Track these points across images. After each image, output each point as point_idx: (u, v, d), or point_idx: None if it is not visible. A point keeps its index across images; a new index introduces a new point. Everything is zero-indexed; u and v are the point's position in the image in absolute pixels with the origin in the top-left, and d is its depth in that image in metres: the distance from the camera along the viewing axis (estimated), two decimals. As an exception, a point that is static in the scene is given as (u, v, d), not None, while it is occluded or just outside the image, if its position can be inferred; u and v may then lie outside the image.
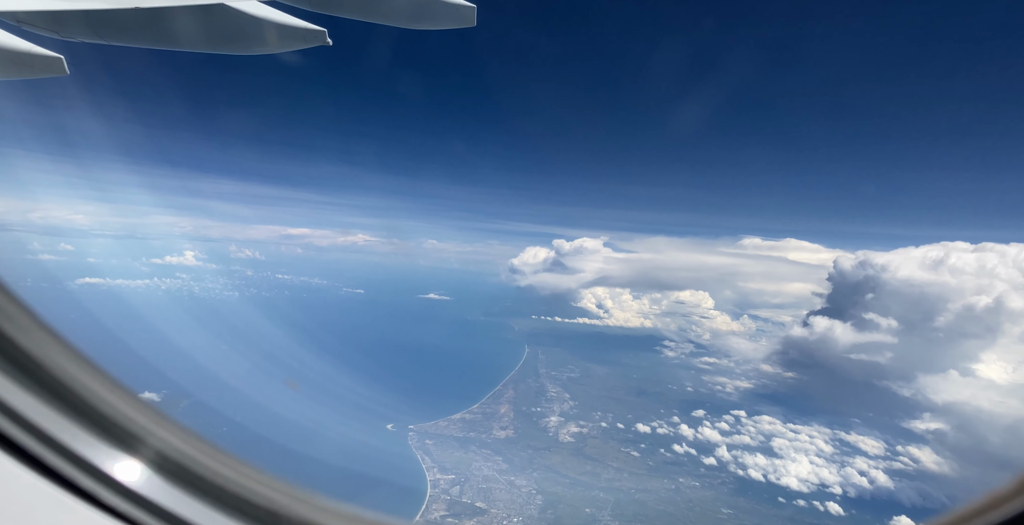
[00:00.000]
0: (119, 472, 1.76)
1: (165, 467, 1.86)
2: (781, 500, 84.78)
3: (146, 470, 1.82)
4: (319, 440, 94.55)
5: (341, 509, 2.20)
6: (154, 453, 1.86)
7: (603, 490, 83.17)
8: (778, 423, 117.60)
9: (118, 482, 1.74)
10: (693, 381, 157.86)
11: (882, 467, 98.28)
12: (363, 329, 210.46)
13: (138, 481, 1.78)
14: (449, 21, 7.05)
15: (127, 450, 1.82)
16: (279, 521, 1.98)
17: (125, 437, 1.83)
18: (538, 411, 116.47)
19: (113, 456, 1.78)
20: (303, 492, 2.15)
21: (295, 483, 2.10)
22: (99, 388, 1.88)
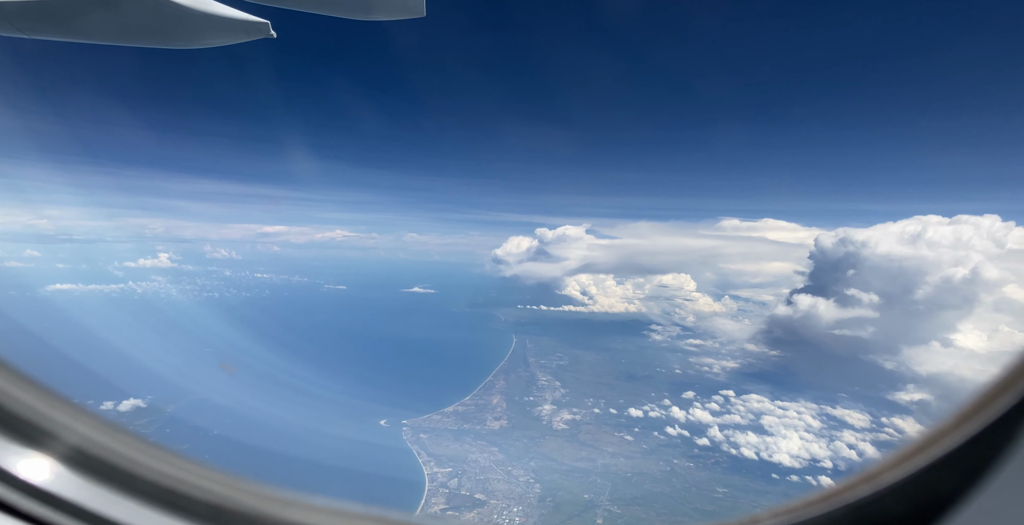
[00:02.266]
0: (25, 471, 1.57)
1: (81, 462, 1.66)
2: (775, 477, 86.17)
3: (58, 466, 1.63)
4: (312, 440, 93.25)
5: (293, 499, 2.06)
6: (66, 448, 1.66)
7: (600, 475, 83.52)
8: (766, 401, 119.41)
9: (24, 482, 1.54)
10: (681, 363, 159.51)
11: (869, 439, 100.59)
12: (348, 325, 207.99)
13: (49, 479, 1.58)
14: (397, 12, 6.80)
15: (33, 446, 1.63)
16: (222, 515, 1.79)
17: (29, 432, 1.63)
18: (530, 400, 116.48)
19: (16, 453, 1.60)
20: (251, 483, 2.01)
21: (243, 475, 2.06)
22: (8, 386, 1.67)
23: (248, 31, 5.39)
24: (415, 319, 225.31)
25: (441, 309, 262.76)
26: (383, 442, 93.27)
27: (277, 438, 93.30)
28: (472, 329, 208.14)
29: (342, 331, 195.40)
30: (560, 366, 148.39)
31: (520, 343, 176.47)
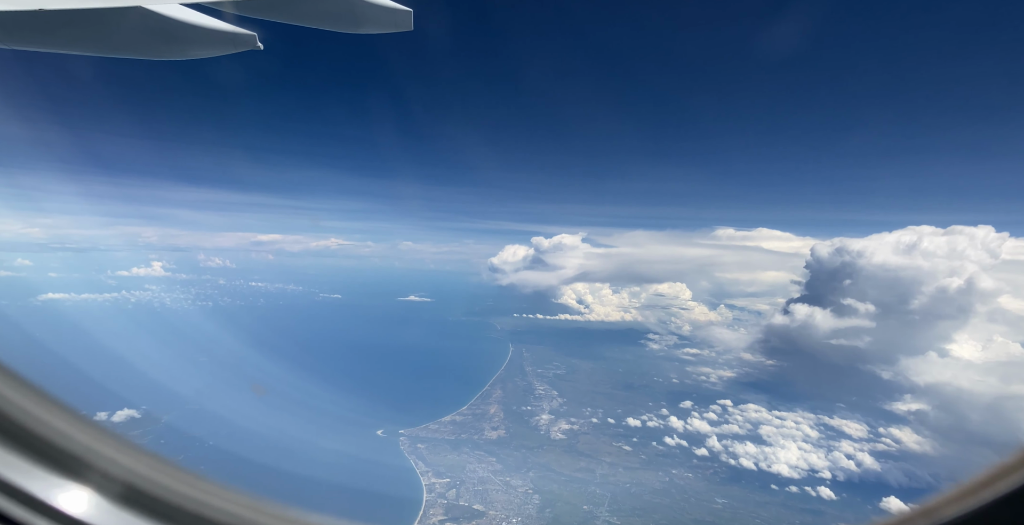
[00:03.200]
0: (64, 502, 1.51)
1: (118, 492, 1.63)
2: (774, 487, 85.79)
3: (96, 497, 1.59)
4: (308, 451, 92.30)
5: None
6: (103, 478, 1.61)
7: (599, 486, 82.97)
8: (764, 411, 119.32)
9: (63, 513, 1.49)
10: (678, 372, 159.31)
11: (867, 449, 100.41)
12: (344, 334, 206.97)
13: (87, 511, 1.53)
14: (385, 25, 7.06)
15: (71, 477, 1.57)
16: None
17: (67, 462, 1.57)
18: (528, 410, 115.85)
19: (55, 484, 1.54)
20: (276, 508, 1.98)
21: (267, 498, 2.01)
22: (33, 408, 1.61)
23: (235, 43, 5.37)
24: (411, 328, 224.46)
25: (437, 318, 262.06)
26: (380, 452, 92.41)
27: (273, 449, 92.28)
28: (469, 338, 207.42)
29: (338, 340, 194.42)
30: (557, 375, 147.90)
31: (517, 352, 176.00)
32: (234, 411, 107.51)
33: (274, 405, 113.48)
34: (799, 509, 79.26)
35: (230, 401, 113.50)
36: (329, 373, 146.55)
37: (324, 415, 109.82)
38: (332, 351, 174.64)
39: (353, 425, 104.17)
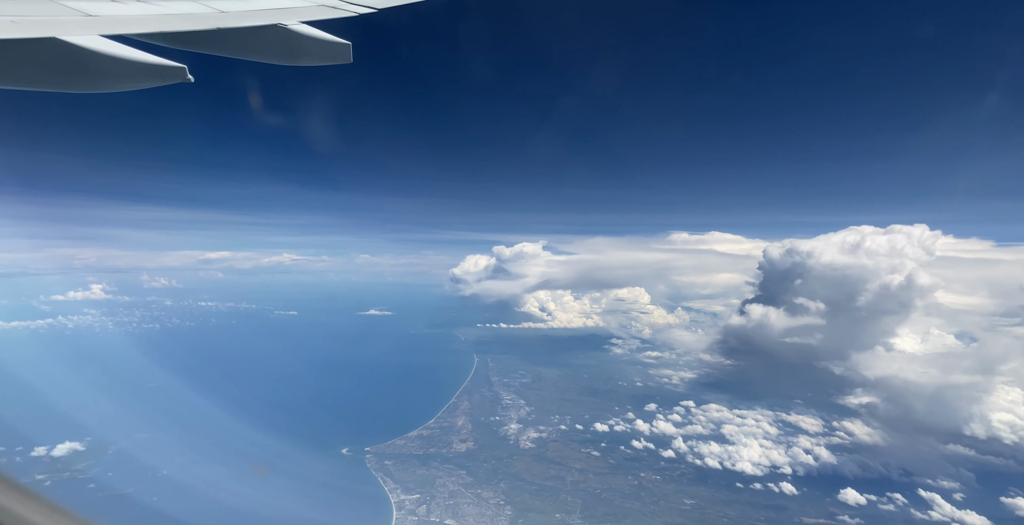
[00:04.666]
0: None
1: None
2: (739, 485, 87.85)
3: None
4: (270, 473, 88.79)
5: None
6: None
7: (570, 493, 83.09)
8: (725, 410, 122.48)
9: None
10: (641, 376, 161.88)
11: (823, 443, 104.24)
12: (303, 352, 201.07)
13: None
14: (323, 59, 6.94)
15: None
16: None
17: None
18: (496, 420, 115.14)
19: None
20: None
21: None
22: None
23: (163, 76, 5.18)
24: (373, 343, 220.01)
25: (399, 331, 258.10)
26: (346, 472, 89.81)
27: (231, 475, 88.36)
28: (432, 350, 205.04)
29: (296, 358, 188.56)
30: (524, 384, 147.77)
31: (482, 362, 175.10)
32: (188, 438, 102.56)
33: (231, 429, 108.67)
34: (763, 506, 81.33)
35: (183, 428, 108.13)
36: (288, 393, 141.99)
37: (284, 437, 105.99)
38: (291, 370, 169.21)
39: (316, 445, 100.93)
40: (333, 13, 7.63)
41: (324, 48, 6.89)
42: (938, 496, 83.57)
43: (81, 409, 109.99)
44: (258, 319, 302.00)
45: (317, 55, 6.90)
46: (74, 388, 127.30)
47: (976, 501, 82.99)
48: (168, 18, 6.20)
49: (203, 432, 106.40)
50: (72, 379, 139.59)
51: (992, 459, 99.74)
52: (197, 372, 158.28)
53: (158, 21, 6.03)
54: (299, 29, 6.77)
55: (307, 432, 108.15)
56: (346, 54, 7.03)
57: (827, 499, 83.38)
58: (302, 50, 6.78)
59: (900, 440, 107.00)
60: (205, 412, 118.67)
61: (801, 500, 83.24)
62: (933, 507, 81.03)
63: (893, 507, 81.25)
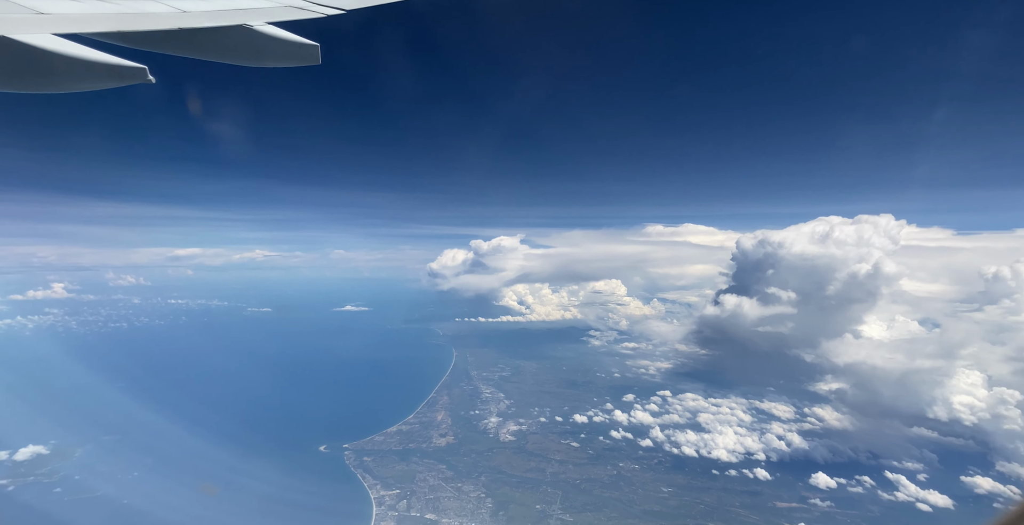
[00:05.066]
0: None
1: None
2: (715, 472, 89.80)
3: None
4: (246, 473, 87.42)
5: None
6: None
7: (550, 484, 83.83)
8: (700, 399, 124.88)
9: None
10: (619, 367, 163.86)
11: (795, 429, 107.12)
12: (278, 349, 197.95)
13: None
14: (290, 60, 6.76)
15: None
16: None
17: None
18: (476, 414, 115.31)
19: None
20: None
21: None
22: None
23: (122, 76, 5.00)
24: (350, 339, 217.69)
25: (377, 327, 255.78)
26: (324, 469, 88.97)
27: (207, 476, 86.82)
28: (410, 345, 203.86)
29: (271, 356, 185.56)
30: (503, 377, 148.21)
31: (461, 357, 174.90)
32: (160, 440, 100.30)
33: (205, 429, 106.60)
34: (738, 492, 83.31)
35: (154, 430, 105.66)
36: (264, 391, 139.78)
37: (260, 435, 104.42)
38: (266, 368, 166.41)
39: (293, 443, 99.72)
40: (300, 14, 7.42)
41: (291, 49, 6.71)
42: (903, 477, 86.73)
43: (44, 412, 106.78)
44: (231, 316, 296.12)
45: (284, 56, 6.72)
46: (36, 390, 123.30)
47: (938, 481, 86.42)
48: (126, 17, 5.98)
49: (175, 433, 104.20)
50: (34, 381, 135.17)
51: (953, 440, 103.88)
52: (168, 371, 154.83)
53: (115, 20, 5.81)
54: (265, 30, 6.57)
55: (284, 430, 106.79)
56: (314, 55, 6.85)
57: (799, 483, 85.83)
58: (268, 51, 6.60)
59: (868, 424, 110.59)
60: (177, 412, 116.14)
61: (774, 485, 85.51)
62: (899, 488, 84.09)
63: (861, 489, 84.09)
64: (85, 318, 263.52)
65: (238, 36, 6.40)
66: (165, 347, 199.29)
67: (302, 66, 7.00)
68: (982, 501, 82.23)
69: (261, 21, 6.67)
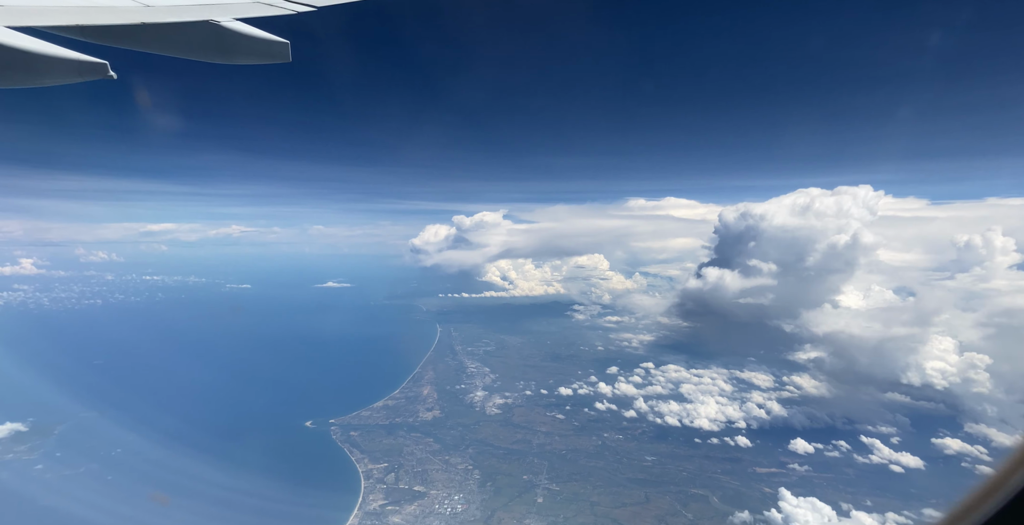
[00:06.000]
0: None
1: None
2: (697, 441, 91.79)
3: None
4: (231, 450, 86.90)
5: None
6: None
7: (536, 455, 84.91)
8: (683, 370, 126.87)
9: None
10: (602, 340, 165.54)
11: (775, 398, 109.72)
12: (259, 326, 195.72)
13: None
14: (260, 57, 6.65)
15: None
16: None
17: None
18: (461, 388, 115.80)
19: None
20: None
21: None
22: None
23: (81, 72, 4.80)
24: (332, 315, 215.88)
25: (359, 303, 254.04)
26: (311, 444, 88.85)
27: (191, 452, 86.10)
28: (394, 321, 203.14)
29: (252, 332, 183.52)
30: (487, 352, 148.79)
31: (445, 332, 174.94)
32: (141, 416, 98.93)
33: (186, 406, 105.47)
34: (720, 459, 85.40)
35: (135, 406, 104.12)
36: (247, 367, 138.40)
37: (244, 412, 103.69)
38: (247, 344, 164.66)
39: (278, 419, 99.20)
40: (270, 10, 7.18)
41: (260, 46, 6.54)
42: (878, 441, 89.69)
43: (20, 389, 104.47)
44: (209, 293, 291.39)
45: (253, 54, 6.55)
46: (11, 368, 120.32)
47: (910, 444, 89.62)
48: (86, 10, 5.70)
49: (156, 410, 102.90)
50: (8, 358, 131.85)
51: (925, 404, 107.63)
52: (147, 349, 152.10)
53: (74, 13, 5.56)
54: (233, 26, 6.36)
55: (268, 406, 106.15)
56: (284, 53, 6.69)
57: (778, 449, 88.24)
58: (236, 48, 6.43)
59: (844, 391, 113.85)
60: (158, 389, 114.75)
61: (755, 452, 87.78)
62: (873, 451, 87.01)
63: (838, 453, 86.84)
64: (57, 295, 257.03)
65: (204, 32, 6.19)
66: (142, 324, 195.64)
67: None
68: (951, 461, 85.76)
69: (229, 17, 6.47)
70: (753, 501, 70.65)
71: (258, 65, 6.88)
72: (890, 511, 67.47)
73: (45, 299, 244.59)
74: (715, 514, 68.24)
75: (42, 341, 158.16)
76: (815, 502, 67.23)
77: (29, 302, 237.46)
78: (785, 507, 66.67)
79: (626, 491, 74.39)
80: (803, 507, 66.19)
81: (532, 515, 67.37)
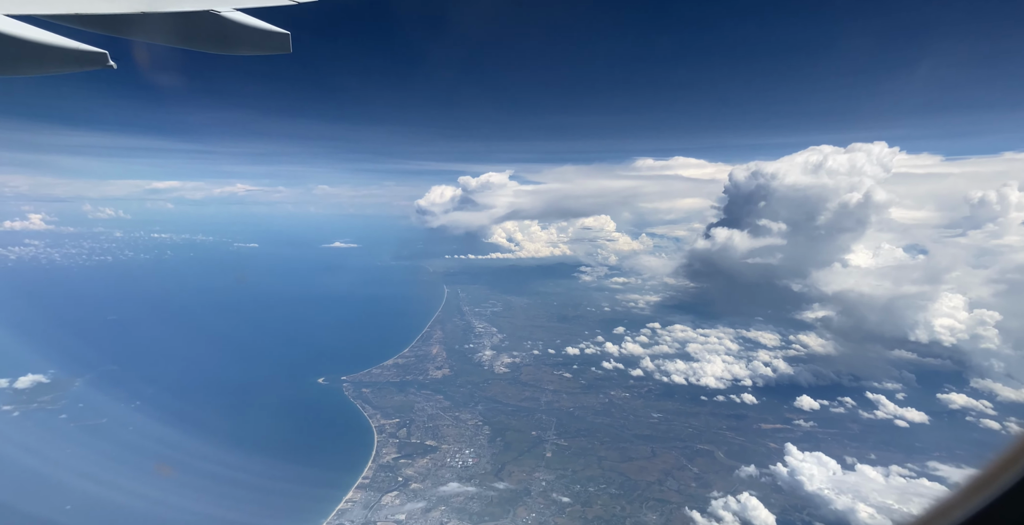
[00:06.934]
0: None
1: None
2: (703, 398, 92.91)
3: None
4: (246, 405, 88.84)
5: None
6: None
7: (544, 412, 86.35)
8: (689, 330, 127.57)
9: None
10: (609, 301, 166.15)
11: (781, 356, 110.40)
12: (268, 285, 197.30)
13: None
14: (260, 48, 6.61)
15: None
16: None
17: None
18: (470, 347, 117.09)
19: None
20: None
21: None
22: None
23: (80, 62, 4.79)
24: (340, 275, 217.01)
25: (367, 263, 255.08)
26: (323, 400, 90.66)
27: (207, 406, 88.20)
28: (401, 282, 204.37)
29: (261, 291, 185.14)
30: (495, 313, 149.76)
31: (452, 293, 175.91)
32: (157, 371, 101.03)
33: (201, 363, 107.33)
34: (725, 415, 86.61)
35: (151, 361, 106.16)
36: (258, 325, 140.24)
37: (257, 368, 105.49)
38: (256, 303, 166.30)
39: (291, 376, 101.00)
40: (270, 0, 7.12)
41: (260, 37, 6.48)
42: (883, 397, 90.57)
43: (38, 342, 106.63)
44: (218, 252, 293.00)
45: (253, 44, 6.51)
46: (27, 321, 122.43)
47: (916, 399, 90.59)
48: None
49: (171, 365, 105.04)
50: (24, 312, 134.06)
51: (931, 361, 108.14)
52: (158, 306, 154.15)
53: (74, 2, 5.56)
54: (233, 17, 6.28)
55: (281, 363, 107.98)
56: (284, 44, 6.63)
57: (784, 406, 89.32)
58: (236, 39, 6.36)
59: (851, 349, 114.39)
60: (171, 346, 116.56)
61: (760, 409, 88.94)
62: (878, 407, 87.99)
63: (843, 410, 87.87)
64: (68, 251, 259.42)
65: (204, 22, 6.14)
66: (153, 281, 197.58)
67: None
68: (956, 415, 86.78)
69: (229, 7, 6.38)
70: (759, 456, 71.94)
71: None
72: (894, 464, 68.64)
73: (56, 255, 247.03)
74: (720, 468, 69.63)
75: (56, 296, 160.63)
76: (821, 456, 68.30)
77: (41, 257, 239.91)
78: (791, 461, 67.82)
79: (633, 446, 75.79)
80: (809, 461, 67.29)
81: (541, 469, 68.99)
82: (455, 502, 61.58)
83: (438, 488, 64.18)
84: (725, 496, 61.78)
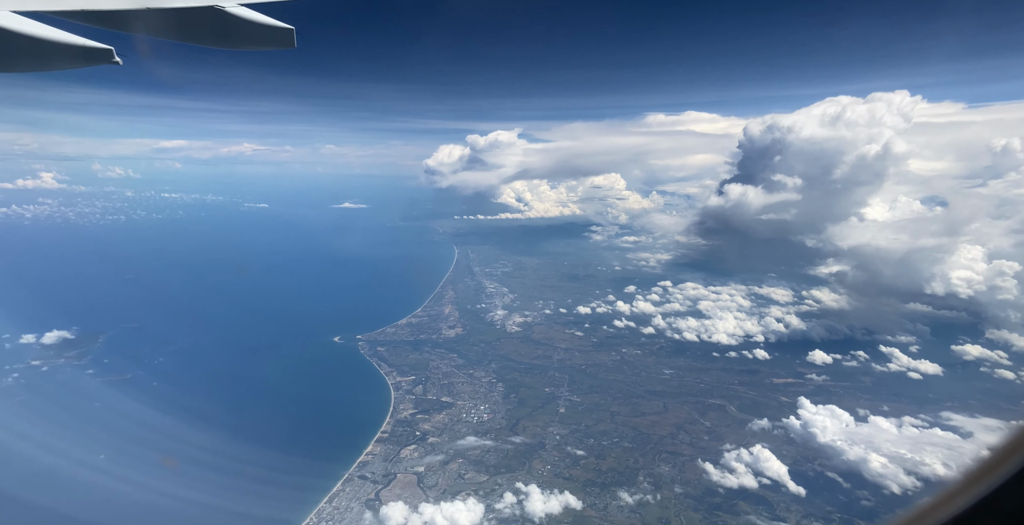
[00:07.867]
0: None
1: None
2: (715, 355, 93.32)
3: None
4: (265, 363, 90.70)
5: None
6: None
7: (557, 370, 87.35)
8: (701, 287, 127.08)
9: None
10: (619, 260, 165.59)
11: (793, 312, 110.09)
12: (279, 244, 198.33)
13: None
14: (265, 44, 6.54)
15: None
16: None
17: None
18: (482, 307, 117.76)
19: None
20: None
21: None
22: None
23: (86, 58, 4.90)
24: (350, 235, 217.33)
25: (377, 224, 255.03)
26: (340, 358, 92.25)
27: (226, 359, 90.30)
28: (412, 243, 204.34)
29: (273, 251, 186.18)
30: (505, 273, 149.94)
31: (463, 253, 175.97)
32: (177, 328, 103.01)
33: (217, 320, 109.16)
34: (737, 371, 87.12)
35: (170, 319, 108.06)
36: (272, 285, 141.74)
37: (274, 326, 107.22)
38: (270, 262, 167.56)
39: (307, 334, 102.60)
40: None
41: (265, 33, 6.45)
42: (896, 350, 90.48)
43: (60, 299, 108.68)
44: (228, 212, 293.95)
45: (257, 40, 6.49)
46: (47, 278, 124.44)
47: (930, 351, 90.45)
48: None
49: (190, 324, 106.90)
50: (43, 269, 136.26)
51: (946, 313, 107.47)
52: (174, 266, 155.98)
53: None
54: (237, 12, 6.27)
55: (295, 323, 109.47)
56: (289, 39, 6.58)
57: (796, 361, 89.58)
58: (241, 34, 6.36)
59: (864, 303, 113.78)
60: (188, 305, 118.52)
61: (772, 364, 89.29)
62: (892, 360, 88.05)
63: (856, 363, 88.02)
64: (81, 210, 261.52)
65: (209, 17, 6.14)
66: (167, 241, 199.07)
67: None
68: (970, 366, 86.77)
69: (233, 2, 6.38)
70: (771, 410, 72.65)
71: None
72: (907, 415, 69.09)
73: (71, 213, 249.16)
74: (733, 422, 70.51)
75: (73, 254, 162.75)
76: (834, 409, 68.74)
77: (55, 216, 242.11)
78: (803, 414, 68.38)
79: (645, 402, 76.78)
80: (821, 414, 67.80)
81: (555, 423, 70.28)
82: (472, 455, 63.16)
83: (455, 442, 65.74)
84: (737, 448, 62.64)
